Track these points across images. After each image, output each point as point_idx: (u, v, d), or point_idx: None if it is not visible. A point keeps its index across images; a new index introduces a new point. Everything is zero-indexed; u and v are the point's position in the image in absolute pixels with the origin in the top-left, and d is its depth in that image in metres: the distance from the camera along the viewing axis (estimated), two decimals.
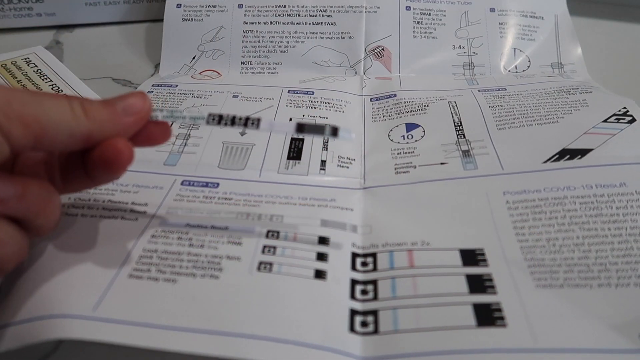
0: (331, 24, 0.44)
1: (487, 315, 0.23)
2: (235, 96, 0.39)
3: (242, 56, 0.44)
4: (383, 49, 0.44)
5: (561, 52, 0.45)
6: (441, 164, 0.33)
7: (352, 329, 0.23)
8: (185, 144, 0.34)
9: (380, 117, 0.38)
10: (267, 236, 0.27)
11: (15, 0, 0.47)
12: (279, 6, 0.45)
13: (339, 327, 0.23)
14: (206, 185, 0.31)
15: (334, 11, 0.45)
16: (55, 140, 0.21)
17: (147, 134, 0.24)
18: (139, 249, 0.26)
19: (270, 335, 0.22)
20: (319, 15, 0.44)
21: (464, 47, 0.45)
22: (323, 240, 0.27)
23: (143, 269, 0.25)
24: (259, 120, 0.24)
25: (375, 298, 0.24)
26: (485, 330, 0.22)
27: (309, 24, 0.44)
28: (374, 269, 0.26)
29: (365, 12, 0.45)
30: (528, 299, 0.23)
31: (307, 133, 0.24)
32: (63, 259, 0.25)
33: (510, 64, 0.44)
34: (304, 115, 0.37)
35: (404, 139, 0.35)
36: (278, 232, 0.27)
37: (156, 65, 0.45)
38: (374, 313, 0.24)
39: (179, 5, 0.45)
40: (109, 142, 0.22)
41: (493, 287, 0.24)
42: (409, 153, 0.34)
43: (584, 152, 0.31)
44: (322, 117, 0.37)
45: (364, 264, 0.26)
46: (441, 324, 0.23)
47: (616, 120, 0.34)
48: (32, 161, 0.24)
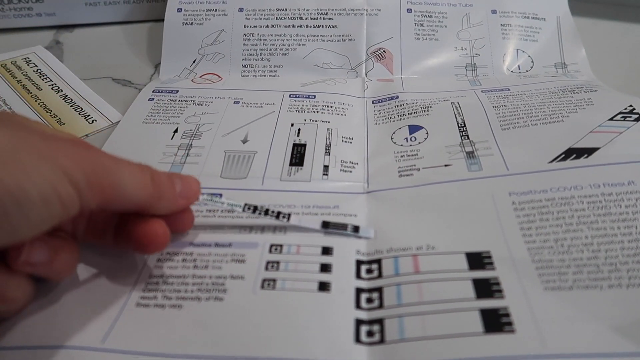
0: (332, 26, 0.44)
1: (495, 321, 0.22)
2: (237, 102, 0.39)
3: (243, 59, 0.43)
4: (384, 51, 0.44)
5: (564, 53, 0.45)
6: (445, 165, 0.32)
7: (358, 339, 0.23)
8: (187, 154, 0.34)
9: (382, 120, 0.38)
10: (271, 251, 0.27)
11: (15, 0, 0.47)
12: (279, 9, 0.44)
13: (345, 339, 0.23)
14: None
15: (334, 14, 0.44)
16: (119, 204, 0.22)
17: (182, 219, 0.26)
18: (145, 276, 0.25)
19: (275, 356, 0.22)
20: (320, 18, 0.44)
21: (466, 49, 0.44)
22: (327, 250, 0.27)
23: (150, 296, 0.24)
24: (289, 215, 0.28)
25: (380, 306, 0.24)
26: (493, 337, 0.22)
27: (310, 26, 0.44)
28: (379, 275, 0.25)
29: (366, 15, 0.44)
30: (536, 303, 0.23)
31: (332, 229, 0.28)
32: (72, 289, 0.25)
33: (513, 64, 0.44)
34: (305, 120, 0.37)
35: (407, 141, 0.35)
36: (281, 246, 0.27)
37: (156, 66, 0.45)
38: (380, 322, 0.23)
39: (179, 10, 0.44)
40: (150, 226, 0.23)
41: (500, 292, 0.24)
42: (412, 155, 0.33)
43: (590, 151, 0.31)
44: (324, 121, 0.37)
45: (368, 271, 0.26)
46: (448, 331, 0.22)
47: (622, 118, 0.33)
48: None
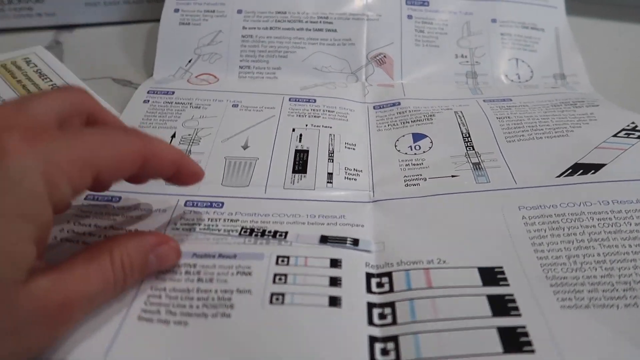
0: (332, 30, 0.43)
1: (514, 341, 0.21)
2: (235, 105, 0.38)
3: (241, 60, 0.42)
4: (385, 56, 0.43)
5: (563, 64, 0.45)
6: (452, 176, 0.31)
7: (373, 358, 0.22)
8: None
9: (385, 126, 0.37)
10: (277, 262, 0.25)
11: (15, 0, 0.46)
12: (279, 12, 0.43)
13: (359, 358, 0.21)
14: (210, 205, 0.29)
15: (335, 18, 0.43)
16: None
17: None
18: (146, 287, 0.24)
19: None
20: (320, 22, 0.43)
21: (466, 57, 0.44)
22: (335, 263, 0.26)
23: (152, 310, 0.23)
24: (286, 233, 0.27)
25: (394, 322, 0.23)
26: (512, 357, 0.21)
27: (310, 30, 0.43)
28: (391, 289, 0.25)
29: (367, 20, 0.44)
30: (554, 321, 0.22)
31: (331, 243, 0.27)
32: None
33: (512, 74, 0.44)
34: (307, 125, 0.36)
35: (411, 149, 0.34)
36: (288, 257, 0.26)
37: None
38: (394, 339, 0.22)
39: (176, 10, 0.43)
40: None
41: (517, 309, 0.23)
42: (417, 165, 0.33)
43: (597, 167, 0.31)
44: (326, 126, 0.36)
45: (379, 285, 0.25)
46: (466, 351, 0.21)
47: (626, 135, 0.33)
48: None
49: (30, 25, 0.47)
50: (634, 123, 0.34)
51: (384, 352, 0.22)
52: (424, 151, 0.34)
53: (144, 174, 0.24)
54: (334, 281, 0.25)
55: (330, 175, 0.32)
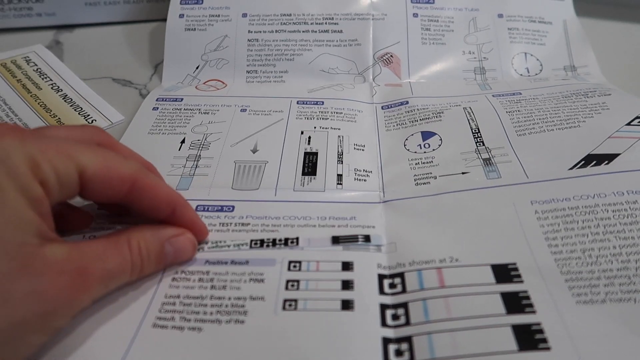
0: (338, 31, 0.43)
1: (529, 338, 0.21)
2: (244, 110, 0.38)
3: (247, 65, 0.42)
4: (392, 56, 0.43)
5: (573, 55, 0.44)
6: (462, 173, 0.31)
7: (387, 359, 0.21)
8: (196, 166, 0.32)
9: (394, 126, 0.37)
10: (290, 268, 0.25)
11: (15, 0, 0.47)
12: (284, 15, 0.43)
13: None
14: (221, 209, 0.29)
15: (340, 19, 0.43)
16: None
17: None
18: (160, 295, 0.24)
19: None
20: (325, 23, 0.43)
21: (474, 53, 0.43)
22: (347, 266, 0.25)
23: (167, 317, 0.23)
24: (297, 239, 0.27)
25: (407, 323, 0.23)
26: (528, 355, 0.21)
27: (315, 31, 0.43)
28: (403, 290, 0.24)
29: (372, 20, 0.43)
30: (569, 318, 0.22)
31: (342, 243, 0.27)
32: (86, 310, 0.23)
33: (521, 68, 0.43)
34: (315, 127, 0.36)
35: (420, 148, 0.34)
36: (300, 262, 0.26)
37: (156, 66, 0.44)
38: (408, 340, 0.22)
39: (181, 15, 0.43)
40: None
41: (531, 306, 0.23)
42: (427, 163, 0.33)
43: (610, 157, 0.30)
44: (335, 128, 0.36)
45: (391, 286, 0.25)
46: (480, 349, 0.21)
47: None
48: None
49: (30, 25, 0.48)
50: None
51: (398, 353, 0.22)
52: (434, 149, 0.34)
53: (138, 203, 0.24)
54: (346, 284, 0.24)
55: (340, 176, 0.32)
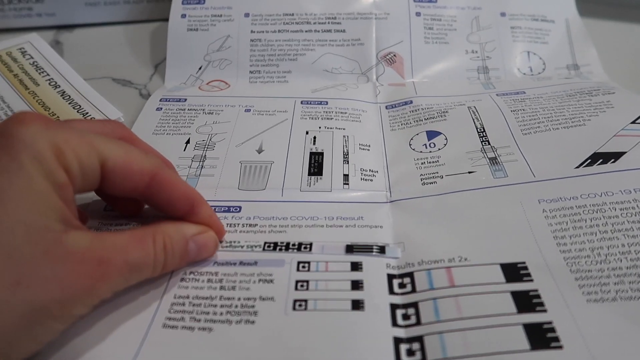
0: (341, 31, 0.43)
1: (541, 337, 0.21)
2: (248, 110, 0.38)
3: (250, 65, 0.42)
4: (395, 55, 0.43)
5: (575, 54, 0.44)
6: (469, 172, 0.31)
7: (399, 359, 0.21)
8: (202, 166, 0.32)
9: (398, 126, 0.37)
10: (299, 269, 0.25)
11: (15, 0, 0.46)
12: (286, 14, 0.43)
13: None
14: (228, 210, 0.29)
15: (342, 18, 0.43)
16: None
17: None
18: (170, 296, 0.24)
19: None
20: (328, 23, 0.43)
21: (476, 52, 0.43)
22: (356, 266, 0.25)
23: (177, 317, 0.23)
24: (311, 245, 0.27)
25: (418, 323, 0.23)
26: (540, 354, 0.21)
27: (318, 31, 0.43)
28: (413, 290, 0.24)
29: (375, 19, 0.43)
30: (581, 316, 0.22)
31: (357, 253, 0.26)
32: (96, 311, 0.23)
33: (524, 67, 0.43)
34: (320, 128, 0.36)
35: (426, 147, 0.34)
36: (309, 263, 0.26)
37: (156, 66, 0.44)
38: (420, 340, 0.22)
39: (183, 16, 0.43)
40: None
41: (542, 304, 0.23)
42: (433, 162, 0.32)
43: (617, 156, 0.30)
44: (339, 128, 0.36)
45: (401, 286, 0.25)
46: (492, 349, 0.21)
47: None
48: None
49: (30, 25, 0.48)
50: None
51: (410, 353, 0.22)
52: (439, 148, 0.34)
53: (156, 198, 0.24)
54: (356, 284, 0.24)
55: (346, 176, 0.32)
